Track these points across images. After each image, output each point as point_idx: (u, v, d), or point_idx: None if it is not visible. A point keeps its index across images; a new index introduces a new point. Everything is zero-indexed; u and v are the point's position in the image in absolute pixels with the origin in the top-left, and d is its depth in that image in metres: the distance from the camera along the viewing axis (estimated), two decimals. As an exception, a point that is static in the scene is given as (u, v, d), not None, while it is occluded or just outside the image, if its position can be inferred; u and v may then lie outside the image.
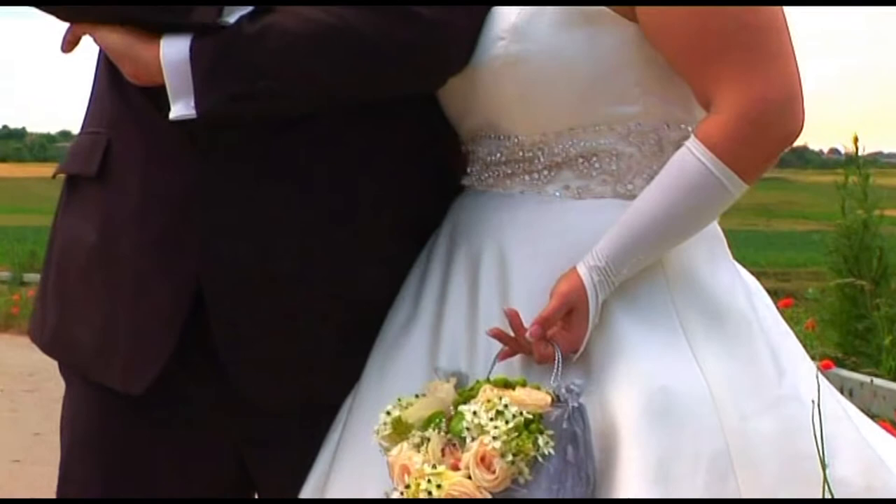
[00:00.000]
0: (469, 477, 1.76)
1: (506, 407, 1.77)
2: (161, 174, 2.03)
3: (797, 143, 2.04)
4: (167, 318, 2.03)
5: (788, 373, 1.95)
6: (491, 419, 1.77)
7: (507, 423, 1.76)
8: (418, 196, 2.10)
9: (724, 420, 1.87)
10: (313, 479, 2.04)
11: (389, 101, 2.02)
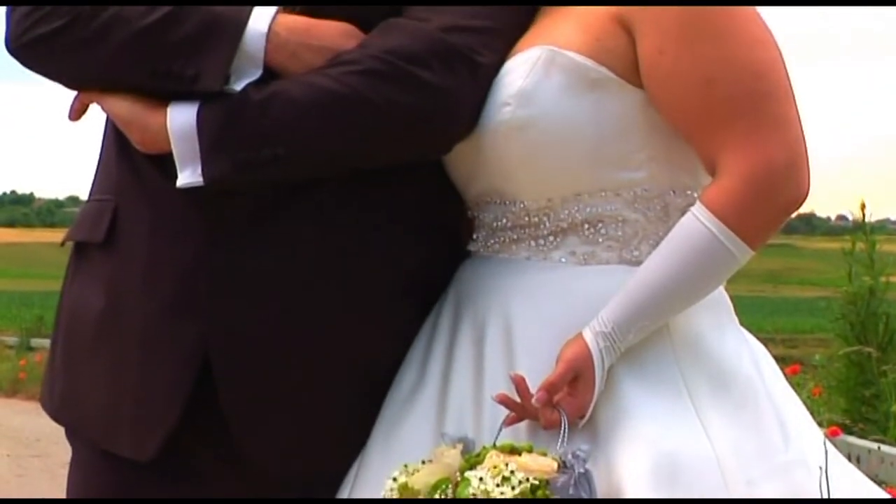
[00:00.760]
0: (476, 543, 1.75)
1: (512, 473, 1.77)
2: (167, 242, 2.03)
3: (804, 209, 2.04)
4: (174, 385, 2.02)
5: (795, 439, 1.94)
6: (497, 485, 1.76)
7: (513, 489, 1.75)
8: (426, 263, 2.10)
9: (730, 485, 1.86)
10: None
11: (396, 167, 2.02)
